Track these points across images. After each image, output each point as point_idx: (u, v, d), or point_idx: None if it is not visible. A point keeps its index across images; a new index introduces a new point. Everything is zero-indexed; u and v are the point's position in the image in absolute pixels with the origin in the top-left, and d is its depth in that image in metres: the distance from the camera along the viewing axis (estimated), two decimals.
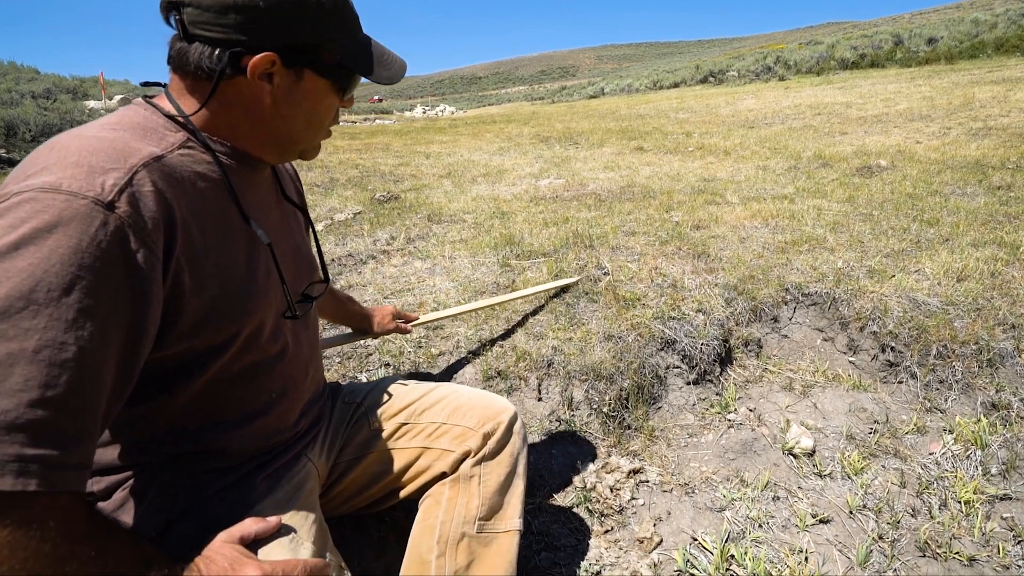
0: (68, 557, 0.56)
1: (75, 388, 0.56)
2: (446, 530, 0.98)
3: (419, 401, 1.12)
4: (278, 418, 0.90)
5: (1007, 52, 13.89)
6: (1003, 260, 2.45)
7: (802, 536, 1.42)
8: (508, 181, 5.22)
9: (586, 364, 1.84)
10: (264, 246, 0.83)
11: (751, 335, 2.22)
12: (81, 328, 0.57)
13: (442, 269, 2.72)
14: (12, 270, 0.54)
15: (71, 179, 0.59)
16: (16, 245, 0.55)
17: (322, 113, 0.82)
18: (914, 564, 1.33)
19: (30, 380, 0.53)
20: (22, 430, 0.53)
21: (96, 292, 0.58)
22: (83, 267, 0.57)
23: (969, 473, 1.57)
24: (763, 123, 8.27)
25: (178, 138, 0.73)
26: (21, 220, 0.56)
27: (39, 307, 0.55)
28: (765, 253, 2.74)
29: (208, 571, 0.69)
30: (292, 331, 0.91)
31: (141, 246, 0.62)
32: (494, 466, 1.04)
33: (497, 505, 1.03)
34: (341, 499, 1.08)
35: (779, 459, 1.69)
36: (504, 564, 1.00)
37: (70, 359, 0.56)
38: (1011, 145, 4.75)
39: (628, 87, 26.47)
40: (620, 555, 1.37)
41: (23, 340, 0.54)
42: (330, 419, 1.07)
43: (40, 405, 0.54)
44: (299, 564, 0.74)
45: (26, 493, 0.53)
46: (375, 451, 1.07)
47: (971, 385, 1.87)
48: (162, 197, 0.66)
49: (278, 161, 0.86)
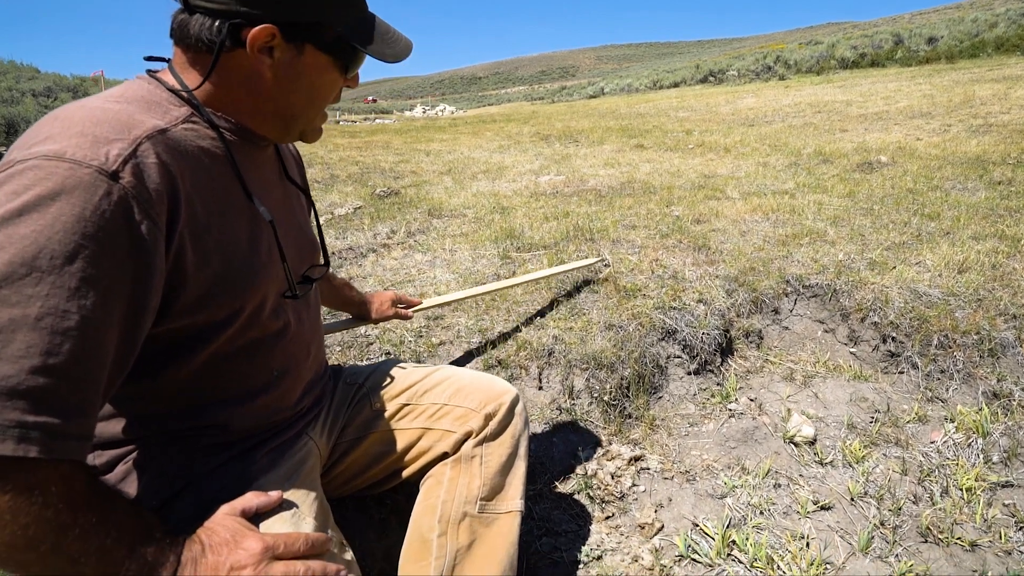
0: (70, 524, 0.56)
1: (77, 357, 0.56)
2: (447, 510, 0.98)
3: (421, 383, 1.11)
4: (280, 396, 0.90)
5: (1007, 51, 13.90)
6: (1004, 252, 2.45)
7: (803, 522, 1.42)
8: (508, 178, 5.22)
9: (587, 353, 1.84)
10: (266, 223, 0.82)
11: (752, 326, 2.22)
12: (84, 297, 0.57)
13: (442, 261, 2.72)
14: (15, 236, 0.54)
15: (75, 148, 0.59)
16: (19, 212, 0.55)
17: (324, 90, 0.81)
18: (916, 549, 1.33)
19: (32, 347, 0.53)
20: (23, 396, 0.53)
21: (99, 262, 0.58)
22: (86, 236, 0.57)
23: (971, 461, 1.57)
24: (763, 121, 8.27)
25: (182, 112, 0.73)
26: (25, 187, 0.56)
27: (42, 274, 0.54)
28: (766, 246, 2.74)
29: (210, 541, 0.68)
30: (294, 310, 0.91)
31: (145, 217, 0.62)
32: (496, 447, 1.04)
33: (499, 486, 1.03)
34: (342, 479, 1.08)
35: (780, 447, 1.69)
36: (506, 544, 0.99)
37: (72, 327, 0.56)
38: (1012, 141, 4.75)
39: (628, 87, 26.47)
40: (621, 540, 1.37)
41: (25, 307, 0.53)
42: (332, 399, 1.07)
43: (42, 372, 0.54)
44: (301, 537, 0.73)
45: (27, 459, 0.53)
46: (376, 431, 1.07)
47: (972, 375, 1.86)
48: (166, 169, 0.66)
49: (279, 139, 0.85)
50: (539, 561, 1.31)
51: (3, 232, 0.54)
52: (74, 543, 0.56)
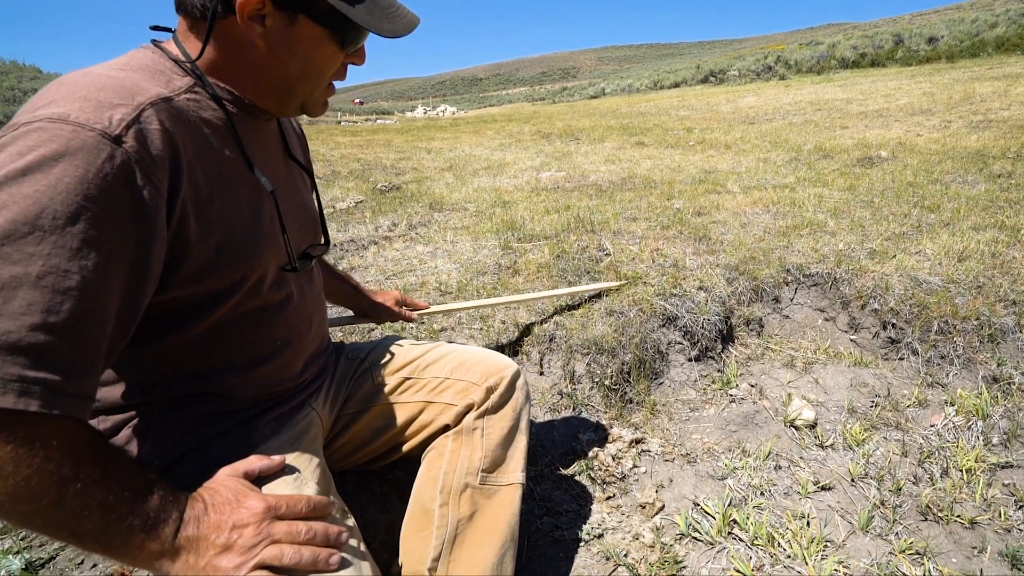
0: (71, 478, 0.57)
1: (77, 317, 0.57)
2: (449, 480, 0.99)
3: (422, 357, 1.12)
4: (282, 367, 0.90)
5: (1008, 51, 13.91)
6: (1004, 242, 2.45)
7: (804, 502, 1.42)
8: (509, 174, 5.23)
9: (588, 338, 1.84)
10: (268, 195, 0.83)
11: (752, 314, 2.22)
12: (85, 258, 0.57)
13: (443, 252, 2.73)
14: (18, 195, 0.55)
15: (79, 111, 0.60)
16: (23, 172, 0.56)
17: (320, 63, 0.79)
18: (916, 528, 1.33)
19: (33, 305, 0.54)
20: (24, 352, 0.53)
21: (101, 224, 0.58)
22: (88, 198, 0.57)
23: (970, 443, 1.57)
24: (764, 119, 8.28)
25: (185, 82, 0.73)
26: (29, 148, 0.57)
27: (44, 233, 0.55)
28: (766, 237, 2.75)
29: (212, 500, 0.69)
30: (296, 282, 0.92)
31: (147, 183, 0.63)
32: (496, 420, 1.05)
33: (500, 458, 1.03)
34: (344, 452, 1.08)
35: (781, 431, 1.69)
36: (507, 515, 1.00)
37: (73, 287, 0.56)
38: (1012, 136, 4.75)
39: (629, 87, 26.49)
40: (622, 519, 1.37)
41: (27, 265, 0.54)
42: (334, 373, 1.08)
43: (42, 330, 0.54)
44: (303, 499, 0.74)
45: (28, 413, 0.54)
46: (378, 405, 1.07)
47: (972, 360, 1.87)
48: (169, 137, 0.66)
49: (279, 112, 0.85)
50: (540, 539, 1.31)
51: (6, 191, 0.55)
52: (76, 497, 0.57)
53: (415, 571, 0.92)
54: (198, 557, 0.65)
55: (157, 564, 0.64)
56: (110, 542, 0.60)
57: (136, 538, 0.61)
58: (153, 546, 0.63)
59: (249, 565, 0.66)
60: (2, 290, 0.53)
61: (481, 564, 0.94)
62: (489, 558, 0.95)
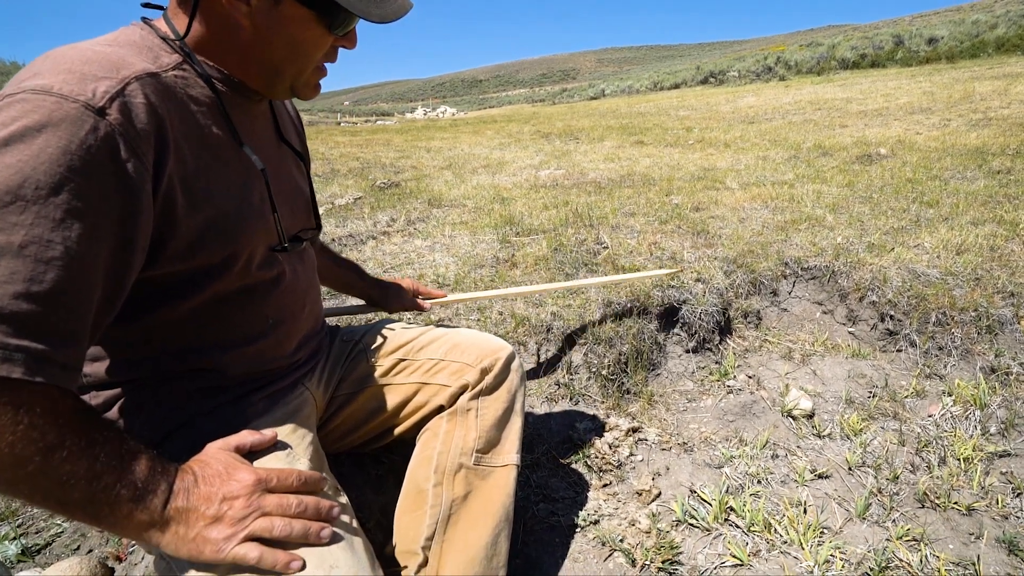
0: (57, 445, 0.56)
1: (61, 287, 0.56)
2: (443, 461, 0.98)
3: (417, 339, 1.12)
4: (275, 345, 0.90)
5: (1008, 51, 13.91)
6: (1003, 236, 2.45)
7: (801, 490, 1.42)
8: (508, 172, 5.23)
9: (585, 328, 1.84)
10: (258, 173, 0.82)
11: (750, 307, 2.22)
12: (68, 229, 0.57)
13: (442, 246, 2.73)
14: (0, 166, 0.55)
15: (63, 83, 0.59)
16: (5, 142, 0.55)
17: (307, 46, 0.78)
18: (913, 514, 1.33)
19: (15, 273, 0.54)
20: (5, 320, 0.53)
21: (84, 196, 0.58)
22: (72, 169, 0.57)
23: (968, 432, 1.57)
24: (763, 118, 8.28)
25: (172, 59, 0.73)
26: (11, 119, 0.57)
27: (26, 203, 0.55)
28: (764, 231, 2.74)
29: (203, 472, 0.69)
30: (288, 262, 0.91)
31: (131, 156, 0.62)
32: (491, 401, 1.04)
33: (495, 439, 1.03)
34: (339, 434, 1.08)
35: (778, 421, 1.69)
36: (502, 496, 1.00)
37: (56, 257, 0.56)
38: (1011, 134, 4.75)
39: (629, 88, 26.51)
40: (618, 506, 1.37)
41: (9, 234, 0.54)
42: (328, 354, 1.07)
43: (24, 298, 0.54)
44: (294, 473, 0.74)
45: (11, 380, 0.53)
46: (372, 386, 1.07)
47: (970, 351, 1.86)
48: (154, 111, 0.66)
49: (269, 93, 0.84)
50: (536, 525, 1.31)
51: None
52: (62, 465, 0.57)
53: (408, 549, 0.92)
54: (188, 528, 0.65)
55: (146, 535, 0.64)
56: (98, 512, 0.60)
57: (124, 508, 0.61)
58: (142, 517, 0.62)
59: (239, 536, 0.66)
60: None
61: (475, 544, 0.93)
62: (483, 538, 0.94)
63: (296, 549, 0.69)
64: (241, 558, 0.65)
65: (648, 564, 1.19)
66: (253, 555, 0.66)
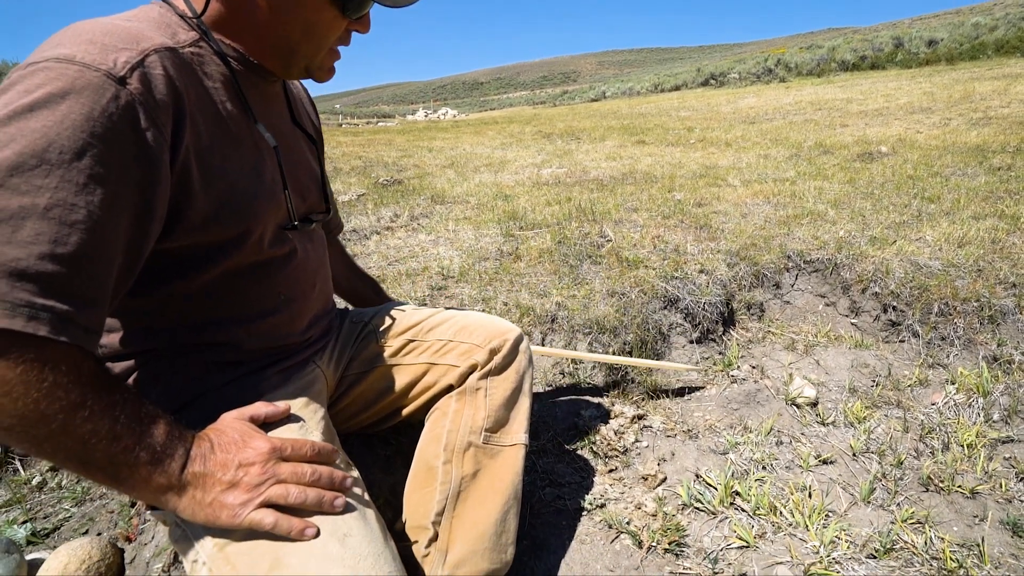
0: (79, 404, 0.57)
1: (84, 250, 0.58)
2: (452, 439, 0.99)
3: (426, 321, 1.13)
4: (286, 321, 0.91)
5: (1007, 53, 13.93)
6: (1004, 229, 2.46)
7: (806, 475, 1.43)
8: (511, 170, 5.24)
9: (590, 318, 1.85)
10: (270, 150, 0.83)
11: (753, 299, 2.23)
12: (91, 193, 0.58)
13: (445, 240, 2.74)
14: (26, 130, 0.56)
15: (85, 53, 0.61)
16: (30, 108, 0.57)
17: (321, 28, 0.79)
18: (917, 498, 1.33)
19: (40, 235, 0.55)
20: (33, 280, 0.54)
21: (106, 162, 0.59)
22: (94, 135, 0.58)
23: (971, 419, 1.58)
24: (764, 118, 8.30)
25: (190, 36, 0.75)
26: (36, 86, 0.58)
27: (51, 167, 0.56)
28: (767, 225, 2.76)
29: (219, 440, 0.70)
30: (299, 240, 0.92)
31: (151, 125, 0.64)
32: (500, 381, 1.05)
33: (503, 419, 1.04)
34: (349, 413, 1.09)
35: (782, 409, 1.70)
36: (510, 474, 1.00)
37: (80, 221, 0.57)
38: (1012, 132, 4.77)
39: (630, 90, 26.57)
40: (624, 491, 1.38)
41: (35, 196, 0.55)
42: (338, 335, 1.08)
43: (50, 259, 0.55)
44: (308, 443, 0.74)
45: (37, 337, 0.54)
46: (382, 366, 1.08)
47: (973, 340, 1.87)
48: (172, 84, 0.67)
49: (283, 73, 0.85)
50: (543, 508, 1.32)
51: (14, 126, 0.56)
52: (84, 424, 0.58)
53: (419, 524, 0.93)
54: (204, 493, 0.66)
55: (164, 499, 0.65)
56: (118, 473, 0.61)
57: (143, 471, 0.62)
58: (160, 480, 0.63)
59: (255, 502, 0.67)
60: (11, 219, 0.54)
61: (485, 520, 0.94)
62: (493, 514, 0.95)
63: (310, 517, 0.70)
64: (257, 523, 0.66)
65: (655, 546, 1.20)
66: (269, 520, 0.67)
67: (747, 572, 1.15)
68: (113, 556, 1.10)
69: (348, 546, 0.69)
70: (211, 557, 0.70)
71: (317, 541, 0.68)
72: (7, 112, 0.56)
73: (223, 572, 0.69)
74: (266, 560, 0.67)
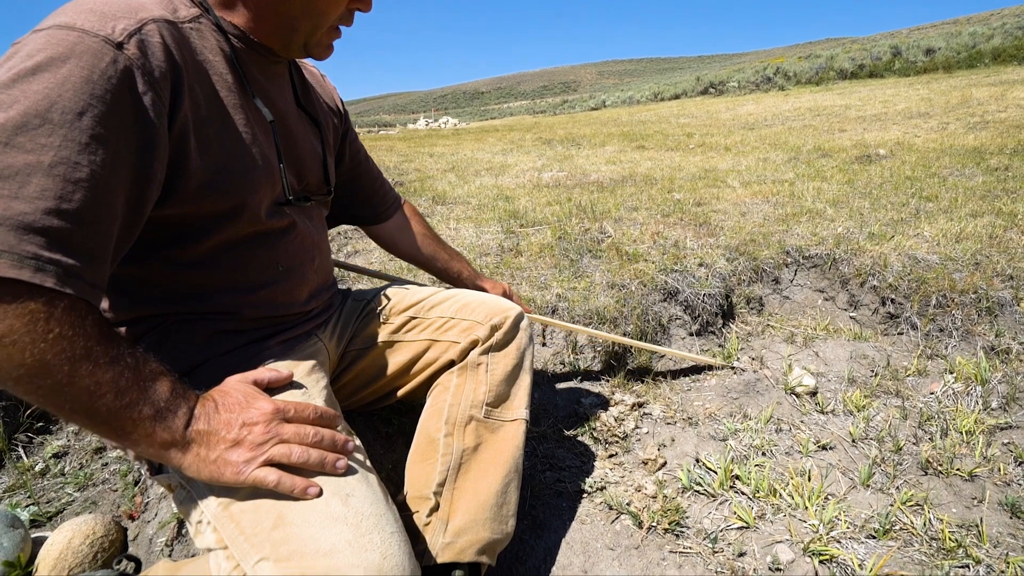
0: (83, 356, 0.59)
1: (87, 207, 0.59)
2: (454, 413, 1.00)
3: (427, 299, 1.14)
4: (286, 292, 0.92)
5: (1004, 62, 14.00)
6: (1001, 226, 2.48)
7: (805, 460, 1.43)
8: (511, 174, 5.27)
9: (590, 309, 1.86)
10: (267, 125, 0.85)
11: (752, 293, 2.24)
12: (93, 153, 0.60)
13: (447, 238, 2.76)
14: (29, 91, 0.58)
15: (84, 20, 0.63)
16: (33, 71, 0.59)
17: (322, 4, 0.81)
18: (916, 481, 1.34)
19: (46, 191, 0.57)
20: (39, 233, 0.56)
21: (107, 123, 0.61)
22: (94, 96, 0.60)
23: (970, 407, 1.59)
24: (763, 124, 8.35)
25: (191, 12, 0.77)
26: (37, 50, 0.60)
27: (54, 127, 0.58)
28: (766, 223, 2.77)
29: (223, 401, 0.71)
30: (298, 215, 0.94)
31: (149, 89, 0.66)
32: (501, 357, 1.06)
33: (504, 394, 1.05)
34: (350, 389, 1.10)
35: (781, 398, 1.70)
36: (511, 448, 1.01)
37: (83, 179, 0.59)
38: (1009, 135, 4.80)
39: (630, 99, 26.71)
40: (624, 474, 1.38)
41: (39, 154, 0.57)
42: (341, 312, 1.10)
43: (55, 215, 0.57)
44: (311, 406, 0.75)
45: (44, 288, 0.56)
46: (384, 342, 1.09)
47: (971, 332, 1.88)
48: (170, 53, 0.69)
49: (283, 51, 0.86)
50: (543, 490, 1.32)
51: (18, 88, 0.58)
52: (89, 376, 0.59)
53: (420, 495, 0.94)
54: (209, 450, 0.67)
55: (168, 455, 0.66)
56: (123, 427, 0.62)
57: (146, 425, 0.63)
58: (164, 435, 0.64)
59: (259, 460, 0.68)
60: (17, 175, 0.55)
61: (486, 491, 0.95)
62: (494, 486, 0.96)
63: (313, 478, 0.70)
64: (260, 481, 0.67)
65: (655, 526, 1.21)
66: (272, 478, 0.68)
67: (746, 551, 1.15)
68: (116, 533, 1.11)
69: (351, 505, 0.70)
70: (215, 516, 0.71)
71: (320, 500, 0.69)
72: (11, 75, 0.58)
73: (228, 530, 0.69)
74: (270, 517, 0.68)
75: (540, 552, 1.16)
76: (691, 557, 1.15)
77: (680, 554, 1.15)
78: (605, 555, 1.15)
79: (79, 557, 1.02)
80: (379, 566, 0.66)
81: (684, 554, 1.15)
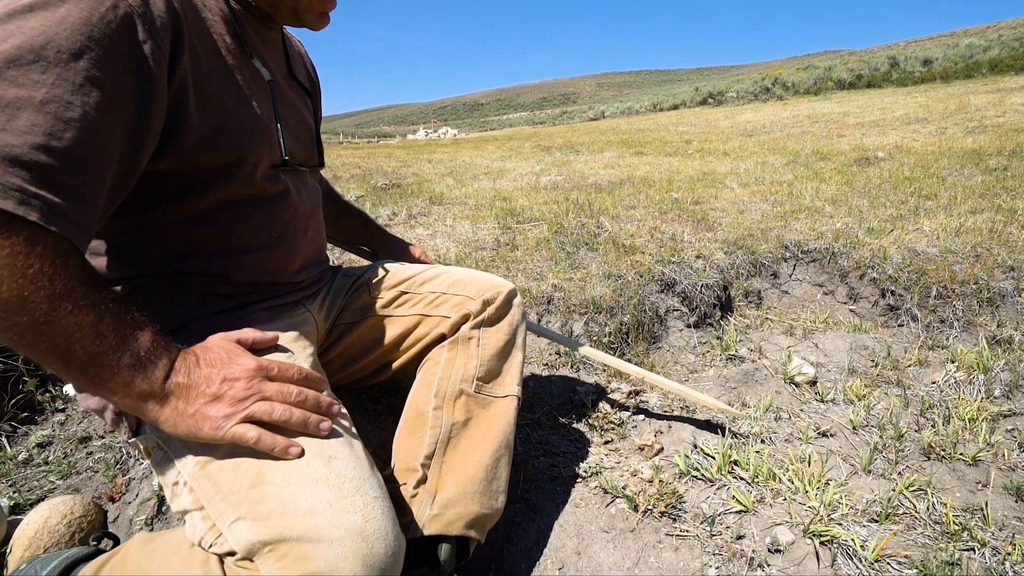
0: (63, 295, 0.56)
1: (78, 148, 0.58)
2: (444, 386, 0.98)
3: (419, 275, 1.12)
4: (278, 259, 0.90)
5: (1001, 72, 14.07)
6: (1001, 221, 2.46)
7: (805, 447, 1.40)
8: (510, 178, 5.27)
9: (586, 299, 1.84)
10: (265, 84, 0.85)
11: (751, 287, 2.22)
12: (87, 95, 0.58)
13: (443, 234, 2.74)
14: (24, 27, 0.56)
15: None
16: (30, 8, 0.57)
17: None
18: (919, 467, 1.31)
19: (35, 126, 0.55)
20: (26, 167, 0.54)
21: (103, 67, 0.60)
22: (92, 39, 0.59)
23: (972, 395, 1.56)
24: (762, 131, 8.37)
25: None
26: None
27: (48, 64, 0.56)
28: (764, 220, 2.76)
29: (205, 356, 0.68)
30: (292, 181, 0.92)
31: (149, 38, 0.64)
32: (493, 332, 1.04)
33: (496, 370, 1.02)
34: (339, 363, 1.07)
35: (781, 387, 1.68)
36: (502, 424, 0.99)
37: (75, 119, 0.57)
38: (1007, 138, 4.80)
39: (629, 109, 26.85)
40: (620, 460, 1.35)
41: (31, 89, 0.55)
42: (331, 286, 1.07)
43: (44, 151, 0.55)
44: (295, 367, 0.73)
45: (27, 221, 0.54)
46: (373, 316, 1.07)
47: (972, 323, 1.86)
48: (171, 6, 0.68)
49: (274, 14, 0.87)
50: (537, 475, 1.29)
51: (13, 23, 0.57)
52: (67, 317, 0.57)
53: (408, 467, 0.91)
54: (187, 404, 0.65)
55: (145, 407, 0.63)
56: (100, 373, 0.60)
57: (125, 374, 0.61)
58: (142, 386, 0.62)
59: (238, 416, 0.66)
60: (6, 108, 0.54)
61: (475, 465, 0.92)
62: (484, 460, 0.94)
63: (295, 439, 0.68)
64: (239, 437, 0.65)
65: (651, 509, 1.18)
66: (252, 435, 0.65)
67: (745, 533, 1.12)
68: (96, 514, 1.08)
69: (333, 467, 0.68)
70: (192, 476, 0.68)
71: (301, 460, 0.67)
72: (6, 11, 0.57)
73: (204, 490, 0.67)
74: (248, 476, 0.66)
75: (532, 534, 1.13)
76: (688, 540, 1.12)
77: (677, 537, 1.12)
78: (599, 537, 1.12)
79: (55, 537, 0.99)
80: (360, 529, 0.64)
81: (681, 537, 1.12)
